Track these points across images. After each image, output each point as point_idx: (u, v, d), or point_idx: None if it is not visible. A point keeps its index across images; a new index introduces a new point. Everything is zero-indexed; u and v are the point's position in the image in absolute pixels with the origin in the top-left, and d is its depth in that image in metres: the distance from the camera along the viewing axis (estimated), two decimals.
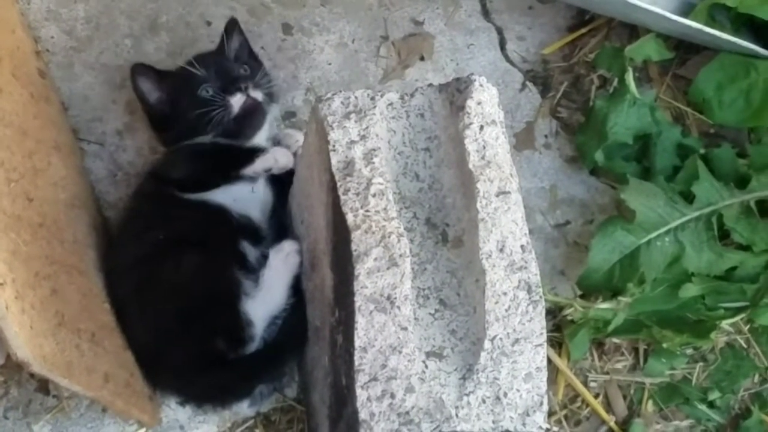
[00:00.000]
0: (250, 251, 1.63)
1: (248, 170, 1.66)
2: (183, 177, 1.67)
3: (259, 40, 1.94)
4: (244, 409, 1.66)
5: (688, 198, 1.75)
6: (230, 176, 1.67)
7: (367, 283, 1.22)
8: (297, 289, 1.61)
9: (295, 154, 1.70)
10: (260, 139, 1.74)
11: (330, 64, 1.96)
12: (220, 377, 1.58)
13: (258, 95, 1.71)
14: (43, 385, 1.66)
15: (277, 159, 1.67)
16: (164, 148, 1.78)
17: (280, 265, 1.59)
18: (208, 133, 1.69)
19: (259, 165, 1.66)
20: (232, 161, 1.67)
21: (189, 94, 1.70)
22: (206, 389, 1.60)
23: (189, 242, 1.58)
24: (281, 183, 1.70)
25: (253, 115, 1.71)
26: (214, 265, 1.58)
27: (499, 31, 2.05)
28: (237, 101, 1.68)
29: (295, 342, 1.62)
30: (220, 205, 1.65)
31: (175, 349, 1.57)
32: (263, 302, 1.58)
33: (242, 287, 1.58)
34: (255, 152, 1.67)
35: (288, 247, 1.60)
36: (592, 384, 1.81)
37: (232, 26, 1.81)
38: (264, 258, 1.61)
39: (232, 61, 1.77)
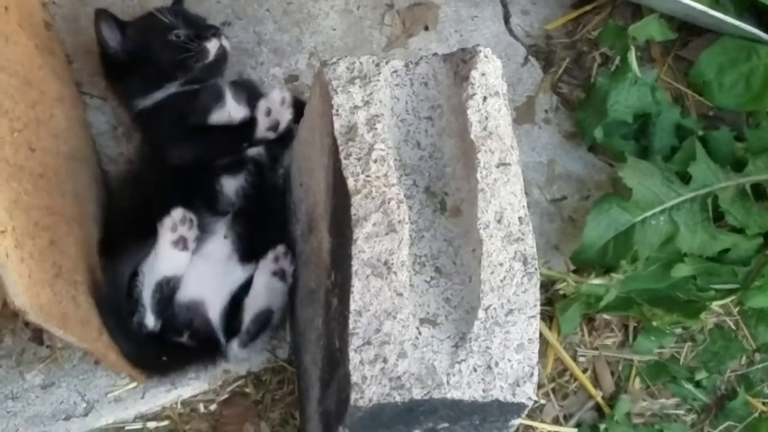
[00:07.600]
0: (229, 184, 1.65)
1: (258, 135, 1.64)
2: (191, 163, 1.66)
3: (265, 3, 1.94)
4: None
5: (685, 178, 1.77)
6: (242, 149, 1.68)
7: (365, 247, 1.23)
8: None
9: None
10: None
11: (334, 29, 1.96)
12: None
13: (227, 43, 1.74)
14: (37, 335, 1.67)
15: (285, 97, 1.65)
16: (121, 101, 1.79)
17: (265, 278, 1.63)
18: (178, 79, 1.71)
19: (262, 125, 1.64)
20: (238, 137, 1.67)
21: (160, 40, 1.71)
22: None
23: (160, 198, 1.60)
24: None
25: (222, 61, 1.75)
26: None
27: (504, 5, 2.05)
28: (213, 46, 1.71)
29: None
30: None
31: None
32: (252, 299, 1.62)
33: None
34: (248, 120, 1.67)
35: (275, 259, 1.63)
36: (581, 359, 1.82)
37: None
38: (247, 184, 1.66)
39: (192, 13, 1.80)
